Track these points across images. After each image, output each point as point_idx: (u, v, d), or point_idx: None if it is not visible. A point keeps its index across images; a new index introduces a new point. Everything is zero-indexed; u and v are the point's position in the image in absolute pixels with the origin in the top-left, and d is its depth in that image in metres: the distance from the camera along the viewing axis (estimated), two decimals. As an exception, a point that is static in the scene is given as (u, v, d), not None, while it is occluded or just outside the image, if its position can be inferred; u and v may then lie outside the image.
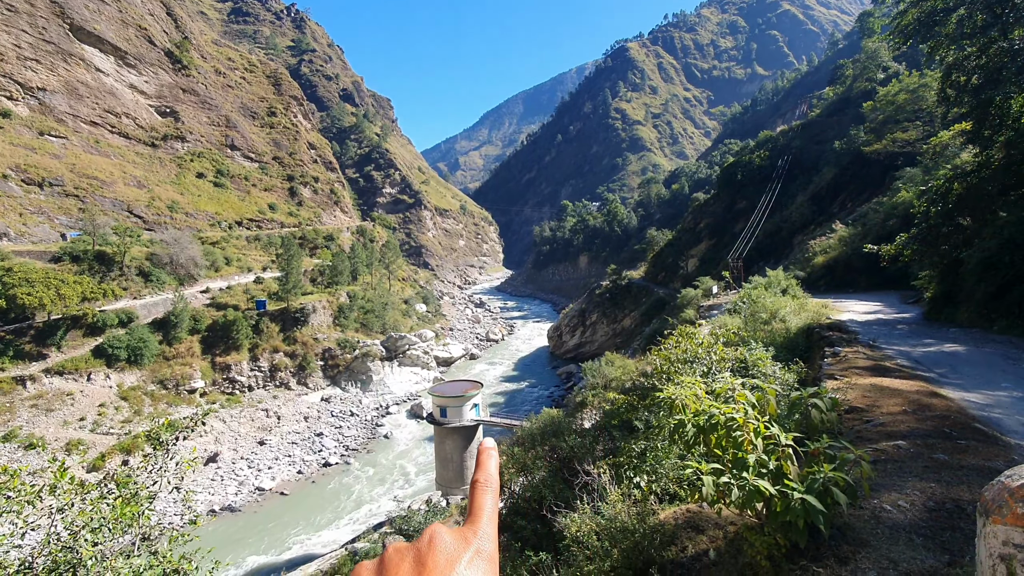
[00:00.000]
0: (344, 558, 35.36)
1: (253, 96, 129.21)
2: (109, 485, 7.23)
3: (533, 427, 25.46)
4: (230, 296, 70.62)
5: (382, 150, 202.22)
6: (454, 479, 44.99)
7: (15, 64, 78.63)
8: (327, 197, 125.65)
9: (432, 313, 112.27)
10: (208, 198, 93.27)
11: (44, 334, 51.27)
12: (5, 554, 6.32)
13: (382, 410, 67.84)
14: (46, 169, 70.77)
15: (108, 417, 49.41)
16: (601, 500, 9.29)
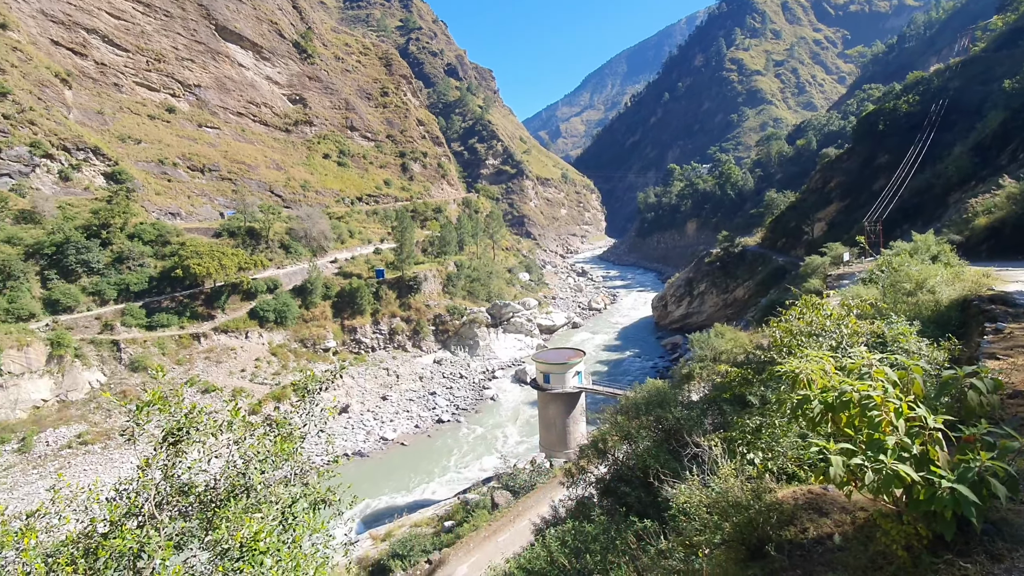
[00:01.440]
0: (457, 506, 38.44)
1: (368, 78, 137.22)
2: (271, 425, 8.63)
3: (637, 397, 25.23)
4: (354, 266, 77.61)
5: (484, 122, 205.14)
6: (557, 443, 46.26)
7: (175, 64, 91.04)
8: (435, 171, 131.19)
9: (535, 282, 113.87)
10: (333, 177, 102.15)
11: (211, 298, 60.70)
12: (195, 475, 7.85)
13: (488, 374, 71.16)
14: (205, 157, 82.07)
15: (262, 369, 57.77)
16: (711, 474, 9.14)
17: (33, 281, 51.80)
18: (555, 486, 31.91)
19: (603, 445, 21.54)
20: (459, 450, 52.30)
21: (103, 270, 56.07)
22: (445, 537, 32.68)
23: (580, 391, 45.84)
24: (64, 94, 72.42)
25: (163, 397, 8.01)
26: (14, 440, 42.68)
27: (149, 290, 57.96)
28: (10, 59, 66.60)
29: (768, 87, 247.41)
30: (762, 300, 58.64)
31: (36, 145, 61.79)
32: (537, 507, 30.25)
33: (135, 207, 63.40)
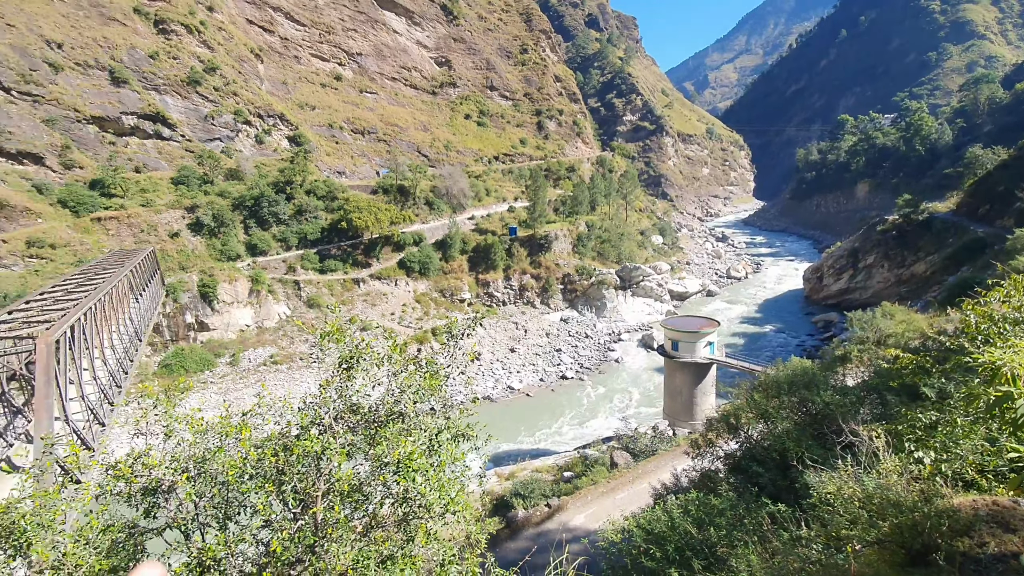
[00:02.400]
0: (576, 460, 39.86)
1: (508, 36, 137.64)
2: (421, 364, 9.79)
3: (779, 375, 23.40)
4: (489, 223, 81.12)
5: (624, 75, 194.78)
6: (681, 412, 45.04)
7: (342, 35, 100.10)
8: (570, 129, 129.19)
9: (668, 245, 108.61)
10: (473, 136, 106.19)
11: (369, 248, 68.36)
12: (362, 398, 9.25)
13: (614, 336, 70.76)
14: (365, 120, 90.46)
15: (408, 314, 64.35)
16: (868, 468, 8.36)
17: (239, 228, 62.91)
18: (678, 455, 31.44)
19: (735, 421, 20.59)
20: (580, 407, 53.56)
21: (287, 220, 65.96)
22: (564, 486, 34.24)
23: (711, 362, 43.66)
24: (258, 67, 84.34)
25: (340, 330, 9.51)
26: (226, 355, 53.52)
27: (321, 239, 67.03)
28: (216, 38, 78.93)
29: (981, 17, 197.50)
30: (950, 278, 49.46)
31: (238, 113, 73.34)
32: (657, 472, 30.21)
33: (311, 167, 72.77)
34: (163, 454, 8.08)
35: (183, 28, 74.46)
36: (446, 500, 8.53)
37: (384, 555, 8.00)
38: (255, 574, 7.37)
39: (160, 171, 64.07)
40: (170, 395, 8.74)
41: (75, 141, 59.18)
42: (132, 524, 7.83)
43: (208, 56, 74.47)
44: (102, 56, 64.28)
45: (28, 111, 56.73)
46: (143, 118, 65.28)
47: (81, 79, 62.00)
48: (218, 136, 71.38)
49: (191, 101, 70.14)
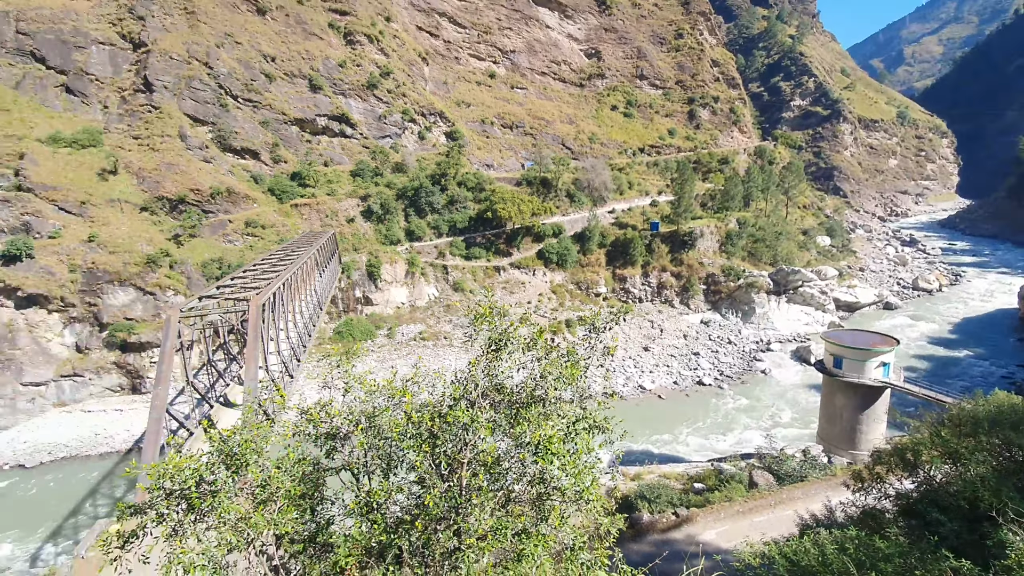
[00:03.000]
0: (709, 472, 37.62)
1: (663, 21, 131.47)
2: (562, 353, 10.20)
3: (978, 410, 19.76)
4: (630, 217, 79.33)
5: (794, 55, 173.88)
6: (840, 438, 39.90)
7: (497, 34, 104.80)
8: (725, 117, 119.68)
9: (837, 248, 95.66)
10: (618, 128, 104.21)
11: (510, 238, 71.59)
12: (505, 379, 9.93)
13: (762, 344, 64.78)
14: (514, 115, 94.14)
15: (543, 304, 66.26)
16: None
17: (400, 215, 70.22)
18: (833, 486, 28.20)
19: (913, 457, 17.97)
20: (717, 417, 50.25)
21: (440, 209, 71.83)
22: (693, 498, 32.65)
23: (885, 386, 37.90)
24: (423, 69, 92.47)
25: (491, 312, 10.36)
26: (385, 328, 60.48)
27: (468, 227, 71.85)
28: (391, 45, 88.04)
29: None
30: None
31: (405, 112, 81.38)
32: (805, 501, 27.45)
33: (463, 160, 78.10)
34: (342, 406, 9.69)
35: (366, 38, 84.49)
36: (580, 487, 8.93)
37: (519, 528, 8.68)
38: (408, 521, 8.54)
39: (342, 165, 74.00)
40: (349, 356, 10.39)
41: (282, 140, 71.03)
42: (316, 461, 9.53)
43: (384, 62, 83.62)
44: (303, 66, 75.93)
45: (249, 115, 69.43)
46: (332, 119, 75.83)
47: (288, 87, 74.02)
48: (388, 134, 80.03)
49: (368, 103, 79.56)
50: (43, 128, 57.56)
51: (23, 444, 43.29)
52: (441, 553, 8.04)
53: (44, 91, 62.10)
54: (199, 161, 61.51)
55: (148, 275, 50.88)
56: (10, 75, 61.34)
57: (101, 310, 49.01)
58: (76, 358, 48.21)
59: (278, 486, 8.25)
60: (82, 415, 46.22)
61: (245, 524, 7.70)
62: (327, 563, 8.00)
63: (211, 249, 55.95)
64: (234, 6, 76.34)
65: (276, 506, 8.17)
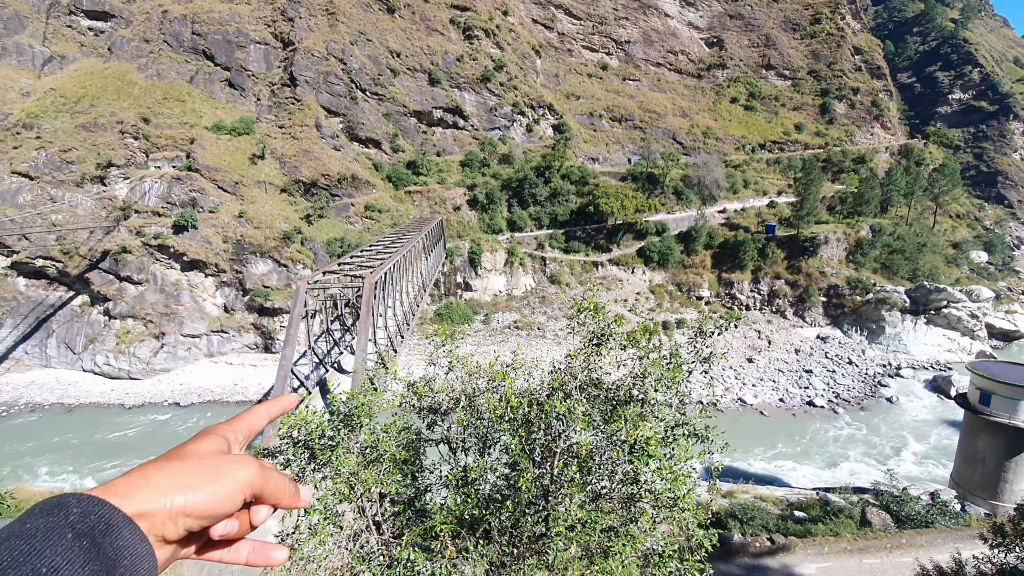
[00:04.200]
0: (813, 501, 34.55)
1: (798, 5, 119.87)
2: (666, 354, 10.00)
3: None
4: (743, 218, 74.17)
5: (956, 41, 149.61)
6: (979, 485, 34.71)
7: (612, 25, 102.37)
8: (865, 112, 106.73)
9: (996, 266, 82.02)
10: (737, 122, 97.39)
11: (611, 234, 70.36)
12: (605, 375, 9.95)
13: (890, 368, 57.71)
14: (624, 108, 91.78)
15: (640, 303, 64.46)
16: None
17: (503, 206, 71.97)
18: (965, 537, 24.76)
19: (1078, 517, 15.26)
20: (826, 442, 45.80)
21: (543, 202, 72.45)
22: (792, 526, 30.31)
23: (1047, 433, 32.19)
24: (536, 62, 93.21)
25: (596, 305, 10.45)
26: (482, 314, 62.70)
27: (569, 221, 71.75)
28: (507, 38, 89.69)
29: None
30: None
31: (516, 105, 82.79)
32: (929, 549, 24.42)
33: (568, 153, 77.88)
34: (444, 383, 10.39)
35: (483, 32, 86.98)
36: (676, 494, 8.79)
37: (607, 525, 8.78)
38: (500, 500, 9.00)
39: (453, 155, 77.32)
40: (454, 337, 11.06)
41: (401, 130, 75.80)
42: (418, 431, 10.32)
43: (498, 55, 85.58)
44: (424, 61, 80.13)
45: (375, 107, 74.86)
46: (447, 111, 79.38)
47: (409, 81, 78.62)
48: (498, 126, 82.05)
49: (481, 96, 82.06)
50: (209, 117, 66.79)
51: (180, 386, 51.37)
52: (529, 536, 8.41)
53: (212, 85, 71.87)
54: (330, 149, 67.72)
55: (283, 249, 57.39)
56: (186, 70, 71.73)
57: (245, 277, 56.25)
58: (224, 317, 55.93)
59: (385, 449, 9.13)
60: (225, 366, 53.63)
61: (356, 479, 8.66)
62: (422, 528, 8.73)
63: (335, 229, 61.62)
64: (367, 6, 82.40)
65: (382, 467, 9.06)
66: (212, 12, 74.30)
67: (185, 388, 51.01)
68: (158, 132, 62.19)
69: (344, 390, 10.60)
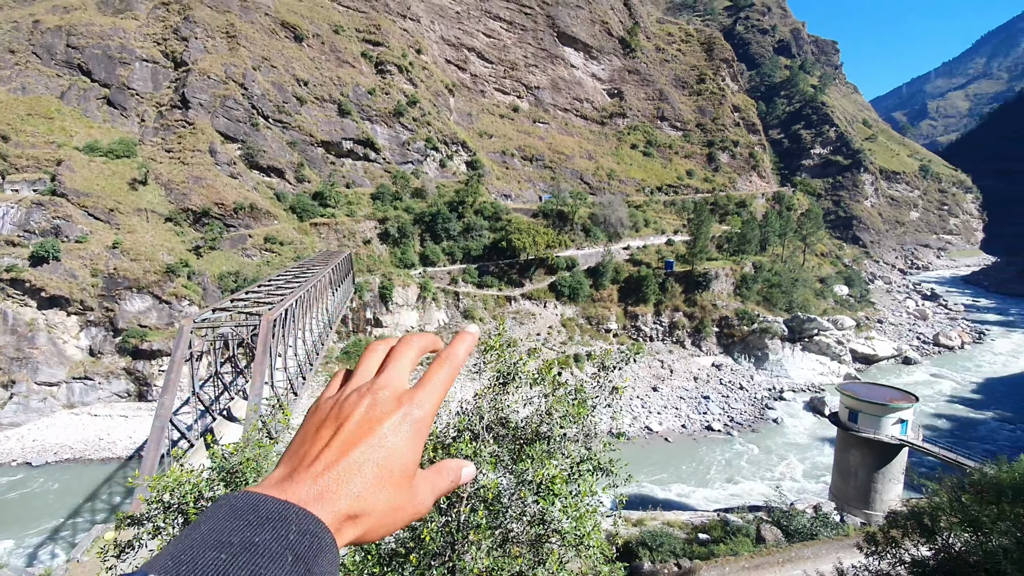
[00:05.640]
0: (715, 522, 36.25)
1: (685, 66, 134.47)
2: (570, 390, 10.02)
3: (1002, 476, 18.96)
4: (644, 254, 79.27)
5: (816, 104, 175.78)
6: (854, 497, 38.40)
7: (523, 71, 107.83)
8: (744, 162, 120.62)
9: (855, 298, 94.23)
10: (637, 166, 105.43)
11: (523, 269, 71.79)
12: (511, 414, 9.73)
13: (774, 392, 63.31)
14: (534, 148, 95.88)
15: (552, 337, 65.73)
16: None
17: (416, 240, 71.03)
18: (845, 547, 27.02)
19: (930, 522, 17.18)
20: (725, 464, 48.75)
21: (456, 237, 72.55)
22: (697, 548, 31.49)
23: (902, 444, 36.60)
24: (449, 100, 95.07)
25: (502, 346, 10.24)
26: (392, 351, 60.31)
27: (482, 256, 72.30)
28: (420, 76, 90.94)
29: None
30: None
31: (429, 140, 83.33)
32: (815, 561, 26.30)
33: (481, 189, 79.26)
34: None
35: (396, 68, 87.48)
36: (581, 532, 8.62)
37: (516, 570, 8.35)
38: (403, 555, 8.28)
39: (363, 187, 75.54)
40: None
41: (307, 160, 72.96)
42: None
43: (411, 91, 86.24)
44: (334, 92, 78.58)
45: (278, 135, 71.64)
46: (357, 143, 77.88)
47: (317, 110, 76.46)
48: (411, 160, 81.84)
49: (394, 129, 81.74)
50: (82, 137, 59.93)
51: (32, 442, 43.57)
52: (436, 590, 7.78)
53: (87, 102, 64.92)
54: (226, 176, 63.28)
55: (166, 284, 51.81)
56: (56, 85, 64.35)
57: (117, 315, 49.82)
58: (89, 361, 48.77)
59: None
60: (89, 418, 46.43)
61: (238, 545, 7.52)
62: (316, 593, 7.74)
63: (229, 262, 56.96)
64: (273, 32, 79.87)
65: (270, 528, 7.99)
66: (92, 25, 67.94)
67: (39, 445, 43.37)
68: (18, 151, 54.67)
69: (231, 442, 9.42)
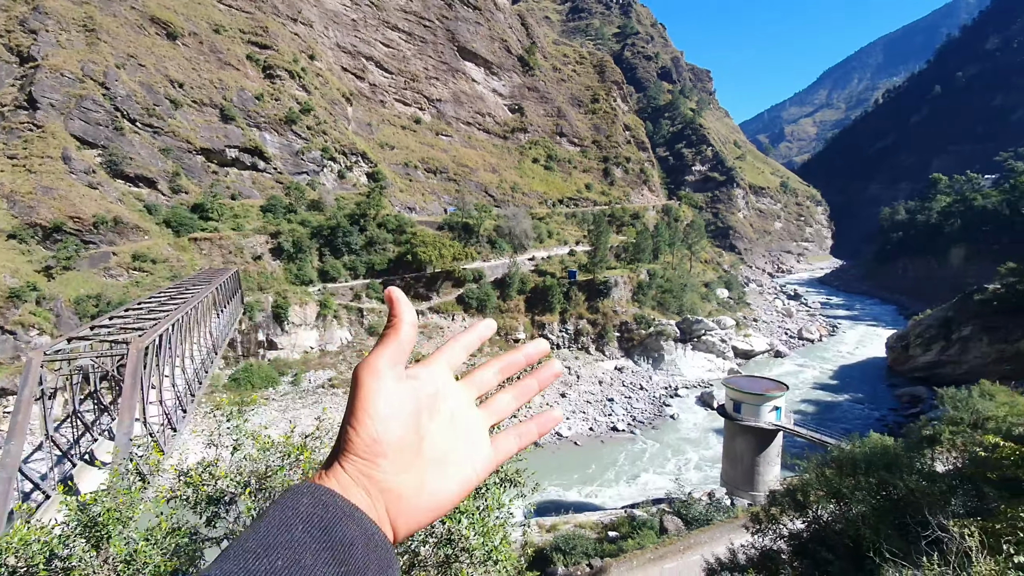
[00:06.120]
0: (623, 519, 37.81)
1: (580, 86, 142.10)
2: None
3: (855, 451, 21.61)
4: (549, 265, 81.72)
5: (695, 126, 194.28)
6: (741, 481, 41.97)
7: (424, 83, 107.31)
8: (636, 177, 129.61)
9: (734, 300, 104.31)
10: (539, 180, 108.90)
11: (430, 282, 70.65)
12: None
13: (671, 390, 67.90)
14: (438, 161, 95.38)
15: (461, 350, 65.25)
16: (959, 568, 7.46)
17: (314, 255, 67.16)
18: (736, 528, 29.25)
19: (803, 497, 19.08)
20: (630, 463, 51.22)
21: (358, 251, 69.71)
22: (608, 547, 32.53)
23: (777, 429, 40.76)
24: (347, 109, 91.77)
25: (413, 359, 9.80)
26: (289, 374, 56.23)
27: (387, 270, 70.12)
28: (314, 83, 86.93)
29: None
30: (1065, 360, 43.95)
31: (325, 150, 79.61)
32: (711, 544, 28.16)
33: (384, 201, 77.11)
34: (229, 466, 8.53)
35: (287, 73, 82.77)
36: (489, 547, 8.39)
37: (424, 596, 7.88)
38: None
39: (252, 199, 70.14)
40: (242, 409, 9.27)
41: (185, 169, 66.27)
42: (194, 530, 8.23)
43: (305, 98, 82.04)
44: (216, 96, 72.43)
45: (148, 140, 64.41)
46: (244, 151, 72.27)
47: (196, 115, 69.94)
48: (306, 170, 77.56)
49: (286, 138, 77.05)
50: None
51: None
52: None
53: None
54: (83, 186, 55.49)
55: (9, 311, 43.97)
56: None
57: (-61, 351, 41.37)
58: None
59: (146, 562, 7.08)
60: None
61: (105, 609, 6.46)
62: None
63: (88, 284, 49.75)
64: (140, 27, 72.05)
65: (143, 585, 6.96)
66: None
67: None
68: None
69: (90, 491, 8.02)
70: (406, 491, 0.85)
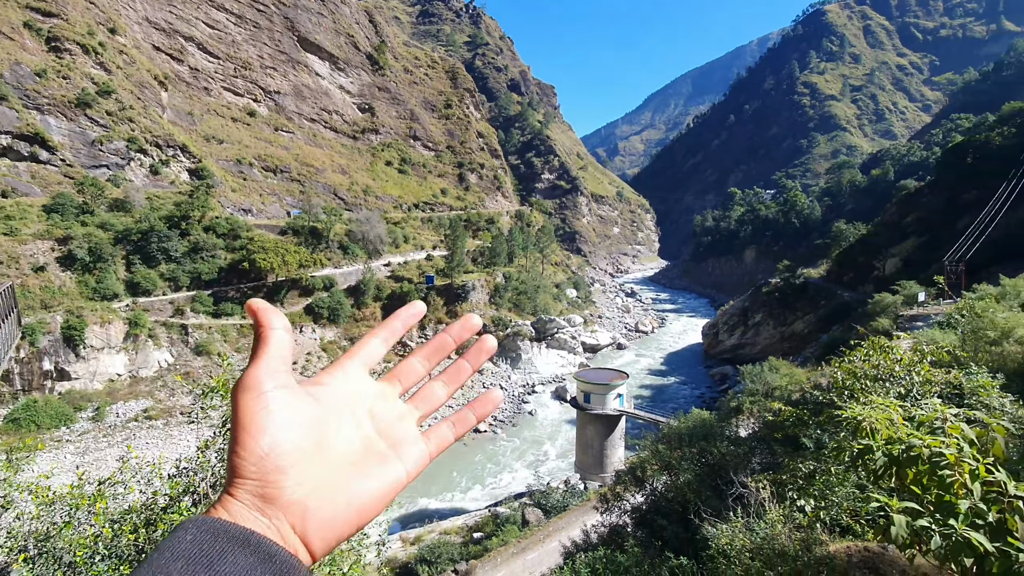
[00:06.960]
0: (487, 518, 38.28)
1: (433, 91, 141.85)
2: None
3: (681, 427, 24.48)
4: (406, 270, 79.75)
5: (543, 137, 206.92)
6: (593, 465, 45.29)
7: (259, 72, 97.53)
8: (491, 183, 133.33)
9: (582, 299, 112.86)
10: (393, 183, 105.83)
11: (273, 292, 64.01)
12: None
13: (528, 388, 70.85)
14: (279, 159, 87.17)
15: (312, 364, 60.14)
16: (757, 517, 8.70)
17: (119, 264, 56.47)
18: (588, 510, 31.30)
19: (641, 473, 21.00)
20: (494, 462, 52.18)
21: (180, 258, 60.37)
22: (473, 548, 32.58)
23: (620, 414, 44.81)
24: (161, 95, 79.16)
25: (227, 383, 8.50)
26: (89, 409, 46.38)
27: (218, 280, 61.84)
28: (116, 61, 73.55)
29: (843, 113, 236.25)
30: (823, 336, 55.56)
31: (132, 141, 67.66)
32: (568, 529, 29.72)
33: (212, 202, 68.04)
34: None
35: (78, 48, 68.67)
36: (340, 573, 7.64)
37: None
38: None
39: (31, 197, 56.72)
40: (12, 459, 7.26)
41: (-80, 156, 51.06)
42: None
43: (104, 79, 68.89)
44: (-29, 66, 57.19)
45: None
46: (18, 138, 58.12)
47: (-61, 89, 54.42)
48: (105, 163, 65.07)
49: (78, 124, 63.82)
50: None
51: None
52: None
53: None
54: None
55: None
56: None
57: None
58: None
59: None
60: None
61: None
62: None
63: None
64: None
65: None
66: None
67: None
68: None
69: None
70: (314, 502, 0.79)
